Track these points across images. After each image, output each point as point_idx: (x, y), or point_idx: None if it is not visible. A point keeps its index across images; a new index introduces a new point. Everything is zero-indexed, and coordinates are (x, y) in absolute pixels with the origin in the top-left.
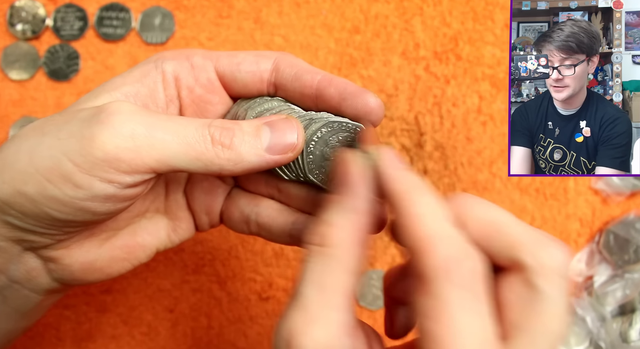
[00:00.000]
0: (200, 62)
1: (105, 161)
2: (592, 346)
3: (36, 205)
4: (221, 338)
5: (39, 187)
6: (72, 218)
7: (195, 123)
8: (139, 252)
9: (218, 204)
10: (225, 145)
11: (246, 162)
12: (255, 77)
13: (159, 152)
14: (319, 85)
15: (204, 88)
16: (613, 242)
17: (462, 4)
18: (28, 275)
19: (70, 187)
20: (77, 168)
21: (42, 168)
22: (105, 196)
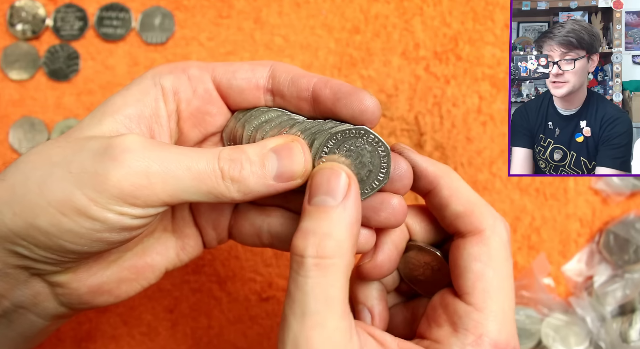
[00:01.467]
0: (197, 74)
1: (121, 198)
2: (592, 346)
3: (50, 238)
4: (221, 338)
5: (53, 220)
6: (87, 249)
7: (205, 157)
8: (148, 273)
9: (225, 218)
10: (235, 179)
11: (255, 192)
12: (251, 84)
13: (172, 187)
14: (315, 87)
15: (201, 100)
16: (613, 242)
17: (462, 4)
18: (34, 299)
19: (85, 220)
20: (92, 203)
21: (55, 202)
22: (121, 228)
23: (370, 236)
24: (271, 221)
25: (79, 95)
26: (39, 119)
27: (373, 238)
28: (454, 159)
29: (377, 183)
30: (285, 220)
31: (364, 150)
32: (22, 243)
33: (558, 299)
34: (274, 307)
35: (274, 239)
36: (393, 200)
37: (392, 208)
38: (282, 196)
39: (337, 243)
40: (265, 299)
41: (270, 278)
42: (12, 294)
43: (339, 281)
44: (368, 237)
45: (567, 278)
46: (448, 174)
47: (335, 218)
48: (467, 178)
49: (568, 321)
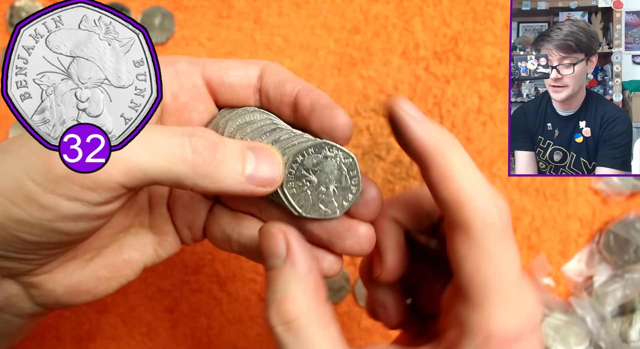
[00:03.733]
0: (185, 68)
1: (67, 178)
2: (592, 346)
3: (4, 229)
4: (221, 338)
5: (4, 210)
6: (45, 239)
7: (171, 131)
8: (126, 270)
9: (200, 219)
10: (207, 160)
11: (223, 184)
12: (243, 82)
13: (124, 163)
14: (298, 94)
15: (189, 95)
16: (613, 242)
17: (462, 4)
18: (8, 301)
19: (36, 208)
20: (40, 188)
21: (5, 190)
22: (75, 216)
23: (335, 262)
24: (242, 231)
25: None
26: None
27: (339, 263)
28: None
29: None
30: (255, 232)
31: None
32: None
33: (558, 299)
34: None
35: (242, 248)
36: (360, 228)
37: (357, 236)
38: (254, 204)
39: (296, 301)
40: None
41: None
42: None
43: (316, 335)
44: (333, 263)
45: (567, 278)
46: (442, 151)
47: (285, 277)
48: None
49: (568, 321)
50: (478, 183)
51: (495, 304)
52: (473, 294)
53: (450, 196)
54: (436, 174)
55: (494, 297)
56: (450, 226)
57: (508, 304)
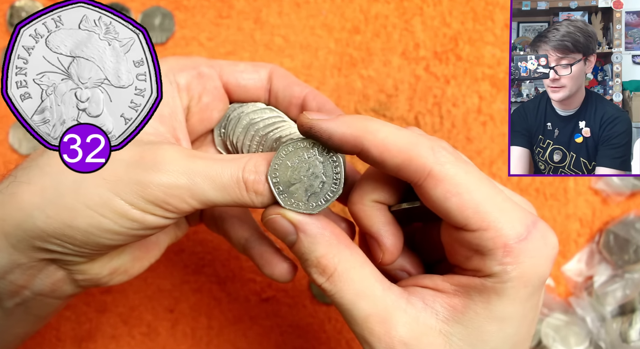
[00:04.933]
0: (207, 71)
1: (156, 203)
2: (592, 346)
3: (87, 237)
4: (221, 338)
5: (92, 221)
6: (121, 242)
7: (230, 168)
8: (155, 250)
9: None
10: (258, 192)
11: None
12: (257, 84)
13: (199, 197)
14: (306, 97)
15: (211, 96)
16: (613, 242)
17: (462, 4)
18: (53, 286)
19: (126, 221)
20: (131, 207)
21: (94, 205)
22: (156, 227)
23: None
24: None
25: None
26: None
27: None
28: None
29: (331, 195)
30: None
31: (316, 161)
32: (56, 241)
33: (558, 299)
34: (273, 307)
35: (222, 232)
36: (341, 225)
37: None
38: None
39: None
40: (265, 299)
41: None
42: (32, 285)
43: (357, 276)
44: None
45: (567, 278)
46: (367, 130)
47: (306, 244)
48: None
49: (568, 321)
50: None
51: (496, 219)
52: (474, 222)
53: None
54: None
55: (492, 214)
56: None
57: (505, 213)
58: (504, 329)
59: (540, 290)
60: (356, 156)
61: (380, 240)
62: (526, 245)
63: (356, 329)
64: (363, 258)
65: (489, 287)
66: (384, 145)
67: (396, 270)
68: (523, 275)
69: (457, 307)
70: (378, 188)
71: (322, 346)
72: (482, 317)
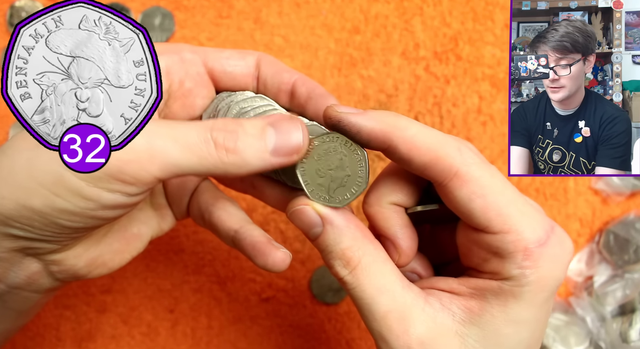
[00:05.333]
0: (190, 56)
1: (109, 174)
2: (592, 346)
3: (46, 217)
4: (221, 338)
5: (47, 201)
6: (83, 225)
7: (196, 128)
8: (136, 242)
9: (187, 197)
10: (230, 150)
11: (251, 166)
12: (243, 70)
13: (160, 160)
14: (295, 83)
15: (193, 82)
16: (613, 242)
17: (462, 4)
18: (29, 279)
19: (80, 199)
20: (84, 182)
21: (46, 183)
22: (115, 205)
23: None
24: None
25: None
26: None
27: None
28: None
29: (356, 189)
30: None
31: (341, 154)
32: (16, 224)
33: (558, 299)
34: (274, 307)
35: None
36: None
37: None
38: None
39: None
40: (265, 299)
41: (270, 278)
42: (6, 277)
43: (379, 270)
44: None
45: (567, 278)
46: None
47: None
48: None
49: (568, 321)
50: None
51: (518, 223)
52: (496, 224)
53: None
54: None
55: (514, 217)
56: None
57: (526, 217)
58: (519, 332)
59: (555, 294)
60: (382, 152)
61: (397, 242)
62: (545, 249)
63: (373, 326)
64: (385, 254)
65: (507, 290)
66: (413, 142)
67: (407, 271)
68: (541, 279)
69: (474, 309)
70: (395, 190)
71: (322, 346)
72: (498, 320)
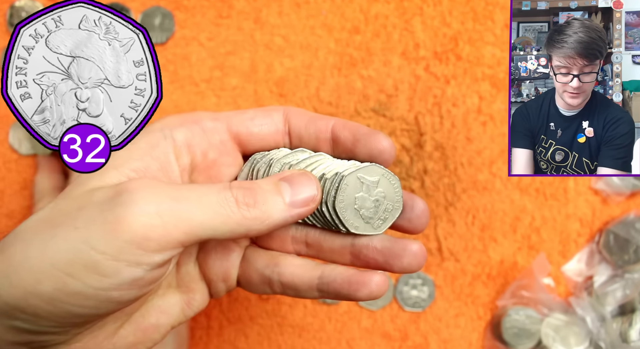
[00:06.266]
0: (211, 125)
1: (134, 243)
2: (592, 346)
3: (54, 304)
4: (221, 338)
5: (58, 283)
6: (94, 312)
7: (215, 189)
8: (154, 334)
9: (235, 268)
10: (250, 205)
11: (273, 219)
12: (271, 128)
13: (186, 224)
14: (334, 128)
15: (217, 151)
16: (613, 242)
17: (462, 4)
18: None
19: (95, 278)
20: (103, 256)
21: (60, 263)
22: (132, 281)
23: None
24: (281, 271)
25: None
26: None
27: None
28: (454, 159)
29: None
30: (297, 268)
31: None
32: (21, 316)
33: (558, 299)
34: (274, 307)
35: (286, 288)
36: (414, 246)
37: (413, 254)
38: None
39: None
40: (265, 299)
41: None
42: None
43: None
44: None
45: (567, 278)
46: None
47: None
48: (467, 178)
49: (568, 321)
50: None
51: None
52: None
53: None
54: None
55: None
56: None
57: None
58: None
59: None
60: None
61: None
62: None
63: None
64: None
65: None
66: None
67: None
68: None
69: None
70: None
71: (322, 346)
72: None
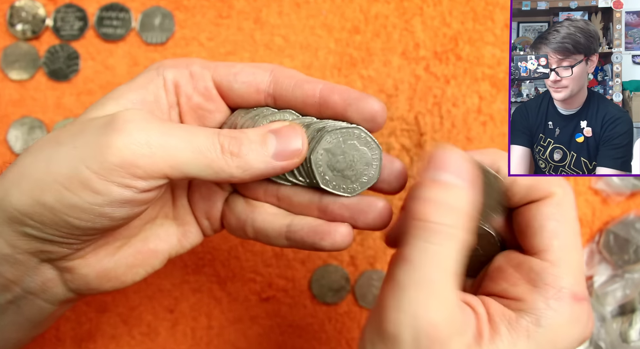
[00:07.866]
0: (199, 71)
1: (122, 167)
2: (592, 346)
3: (56, 214)
4: (221, 338)
5: (57, 195)
6: (91, 225)
7: (205, 132)
8: (152, 259)
9: (217, 210)
10: (234, 154)
11: (254, 169)
12: (251, 88)
13: (172, 158)
14: (322, 93)
15: (202, 97)
16: (613, 242)
17: (462, 4)
18: (44, 286)
19: (89, 194)
20: (95, 175)
21: (60, 177)
22: (123, 201)
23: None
24: (255, 216)
25: (78, 95)
26: (38, 119)
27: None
28: None
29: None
30: (268, 216)
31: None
32: (30, 222)
33: None
34: (274, 307)
35: (257, 233)
36: (379, 203)
37: (378, 211)
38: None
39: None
40: (265, 299)
41: (270, 278)
42: (22, 281)
43: (457, 254)
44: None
45: None
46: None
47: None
48: None
49: None
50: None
51: (569, 265)
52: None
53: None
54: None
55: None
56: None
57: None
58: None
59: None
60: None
61: None
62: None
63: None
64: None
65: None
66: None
67: None
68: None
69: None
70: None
71: (322, 346)
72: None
